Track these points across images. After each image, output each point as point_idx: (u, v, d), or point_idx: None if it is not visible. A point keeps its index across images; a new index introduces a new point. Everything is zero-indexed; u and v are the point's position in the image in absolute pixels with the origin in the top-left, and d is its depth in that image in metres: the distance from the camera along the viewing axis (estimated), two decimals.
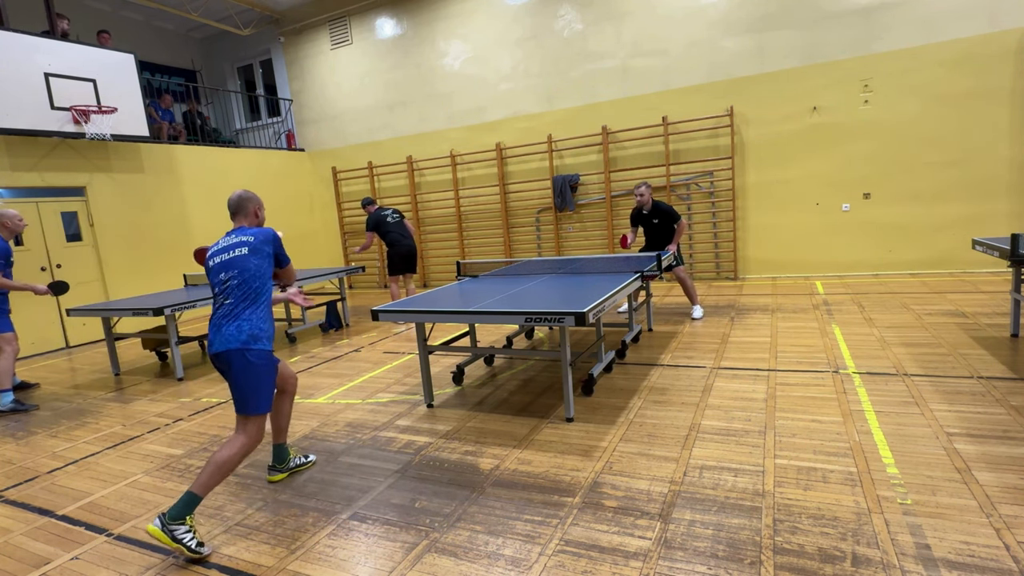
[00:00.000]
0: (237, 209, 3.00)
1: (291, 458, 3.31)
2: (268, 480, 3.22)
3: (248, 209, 3.00)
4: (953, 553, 2.09)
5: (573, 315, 3.23)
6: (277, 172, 11.40)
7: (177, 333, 5.66)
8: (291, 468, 3.29)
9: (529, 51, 9.61)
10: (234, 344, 2.68)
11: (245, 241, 2.83)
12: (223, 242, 2.88)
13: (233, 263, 2.78)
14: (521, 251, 10.22)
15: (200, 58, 13.11)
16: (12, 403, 5.04)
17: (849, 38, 7.67)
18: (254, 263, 2.79)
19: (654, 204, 6.26)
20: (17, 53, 7.21)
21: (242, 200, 3.00)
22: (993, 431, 3.03)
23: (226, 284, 2.77)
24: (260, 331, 2.74)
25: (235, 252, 2.81)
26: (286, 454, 3.27)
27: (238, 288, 2.75)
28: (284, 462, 3.26)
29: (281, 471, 3.25)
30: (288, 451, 3.29)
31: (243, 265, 2.77)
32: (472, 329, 5.01)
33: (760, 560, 2.15)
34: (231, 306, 2.74)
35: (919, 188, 7.64)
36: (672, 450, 3.13)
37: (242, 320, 2.72)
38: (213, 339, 2.73)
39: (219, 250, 2.85)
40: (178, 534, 2.46)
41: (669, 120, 8.68)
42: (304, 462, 3.37)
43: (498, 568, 2.25)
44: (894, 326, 5.28)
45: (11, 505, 3.22)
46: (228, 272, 2.78)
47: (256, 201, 3.05)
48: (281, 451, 3.25)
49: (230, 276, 2.77)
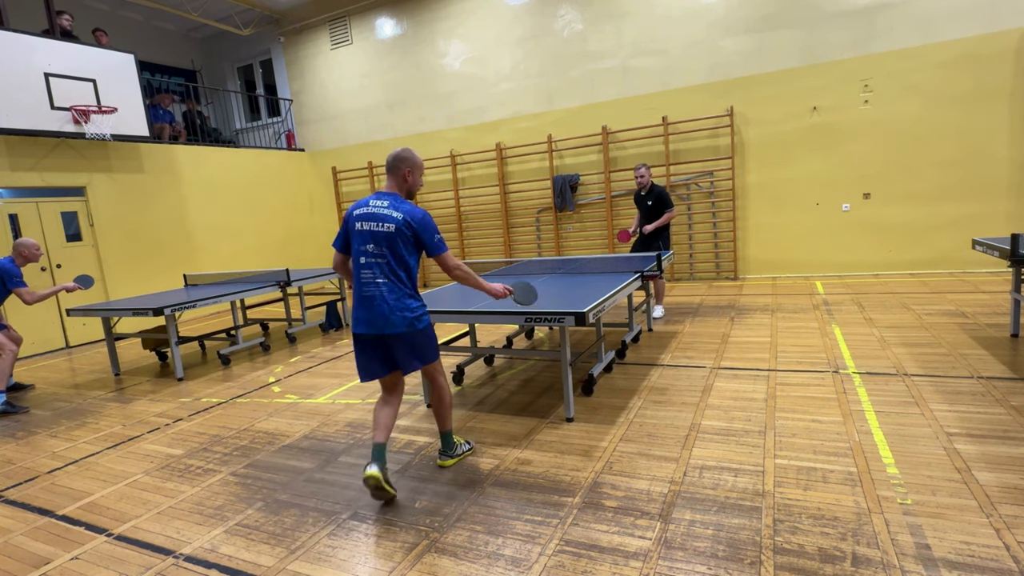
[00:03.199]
0: (390, 168, 2.88)
1: (458, 444, 3.30)
2: (439, 464, 3.21)
3: (400, 171, 2.86)
4: (953, 553, 2.09)
5: (573, 315, 3.23)
6: (277, 172, 11.40)
7: (177, 333, 5.66)
8: (458, 455, 3.25)
9: (529, 51, 9.61)
10: (401, 328, 2.78)
11: (393, 218, 2.75)
12: (373, 204, 2.79)
13: (381, 238, 2.75)
14: (521, 251, 10.22)
15: (200, 58, 13.11)
16: (3, 405, 5.01)
17: (849, 38, 7.67)
18: (399, 244, 2.75)
19: (652, 186, 6.32)
20: (17, 53, 7.21)
21: (396, 159, 2.86)
22: (993, 431, 3.03)
23: (372, 259, 2.76)
24: (415, 308, 2.82)
25: (383, 226, 2.75)
26: (452, 442, 3.27)
27: (386, 266, 2.76)
28: (452, 448, 3.25)
29: (452, 456, 3.24)
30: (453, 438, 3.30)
31: (391, 243, 2.75)
32: (472, 329, 5.01)
33: (760, 560, 2.15)
34: (384, 286, 2.76)
35: (919, 188, 7.64)
36: (672, 450, 3.13)
37: (395, 302, 2.76)
38: (365, 317, 2.78)
39: (368, 215, 2.78)
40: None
41: (669, 120, 8.68)
42: (469, 448, 3.35)
43: (498, 568, 2.25)
44: (894, 326, 5.28)
45: (11, 505, 3.22)
46: (375, 245, 2.75)
47: (410, 162, 2.87)
48: (448, 439, 3.25)
49: (377, 252, 2.75)
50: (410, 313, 2.81)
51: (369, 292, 2.79)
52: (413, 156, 2.90)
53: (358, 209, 2.84)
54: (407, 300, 2.81)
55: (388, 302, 2.77)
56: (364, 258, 2.79)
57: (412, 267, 2.86)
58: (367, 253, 2.78)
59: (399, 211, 2.78)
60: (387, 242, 2.76)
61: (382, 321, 2.78)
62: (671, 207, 6.28)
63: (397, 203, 2.81)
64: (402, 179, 2.88)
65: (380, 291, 2.77)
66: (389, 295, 2.77)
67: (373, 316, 2.79)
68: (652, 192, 6.30)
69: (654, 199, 6.28)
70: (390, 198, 2.83)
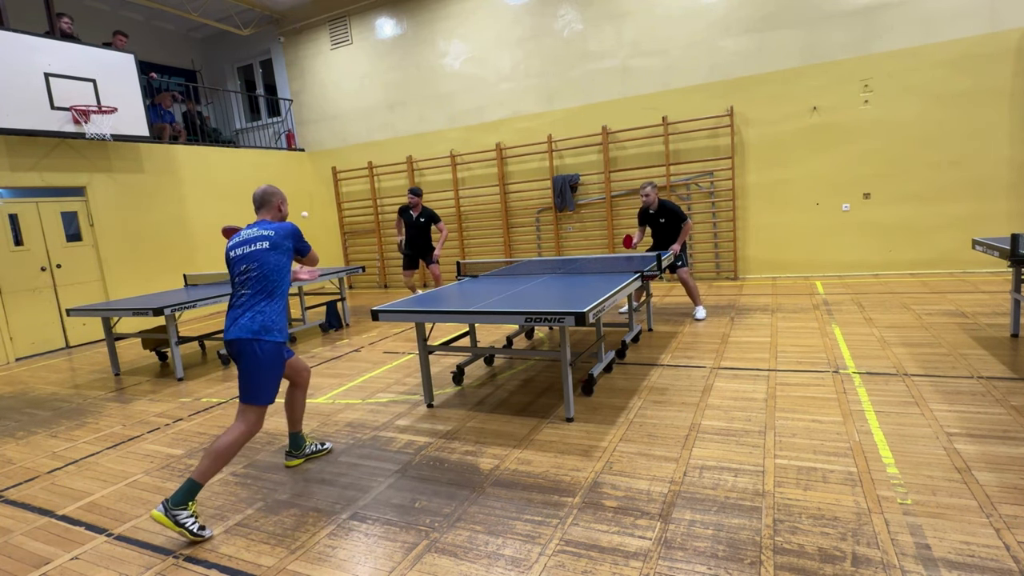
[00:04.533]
0: (261, 203, 3.11)
1: (307, 445, 3.47)
2: (285, 464, 3.40)
3: (272, 203, 3.12)
4: (953, 553, 2.09)
5: (573, 315, 3.23)
6: (277, 172, 11.39)
7: (177, 333, 5.66)
8: (307, 454, 3.45)
9: (529, 51, 9.60)
10: (246, 334, 2.80)
11: (266, 236, 2.93)
12: (245, 233, 2.98)
13: (253, 256, 2.90)
14: (521, 251, 10.22)
15: (200, 58, 13.11)
16: None
17: (849, 38, 7.67)
18: (273, 258, 2.91)
19: (660, 203, 6.25)
20: (17, 53, 7.20)
21: (266, 195, 3.12)
22: (993, 431, 3.03)
23: (245, 276, 2.89)
24: (272, 323, 2.86)
25: (256, 246, 2.92)
26: (302, 441, 3.45)
27: (257, 281, 2.88)
28: (300, 448, 3.43)
29: (297, 457, 3.42)
30: (304, 439, 3.46)
31: (263, 259, 2.89)
32: (472, 329, 5.00)
33: (760, 560, 2.15)
34: (248, 297, 2.87)
35: (919, 188, 7.64)
36: (672, 450, 3.13)
37: (256, 312, 2.84)
38: (228, 327, 2.87)
39: (240, 242, 2.96)
40: (180, 519, 2.59)
41: (669, 120, 8.68)
42: (320, 449, 3.52)
43: (498, 568, 2.25)
44: (894, 326, 5.28)
45: (11, 505, 3.22)
46: (248, 264, 2.89)
47: (280, 196, 3.16)
48: (297, 439, 3.43)
49: (250, 268, 2.88)
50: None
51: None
52: (280, 190, 3.21)
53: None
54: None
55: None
56: (237, 278, 3.00)
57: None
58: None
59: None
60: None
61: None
62: (686, 218, 6.19)
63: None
64: (276, 210, 3.15)
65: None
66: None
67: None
68: (663, 208, 6.21)
69: (667, 215, 6.19)
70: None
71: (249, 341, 2.80)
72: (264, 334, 2.81)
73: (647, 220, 6.40)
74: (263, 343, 2.81)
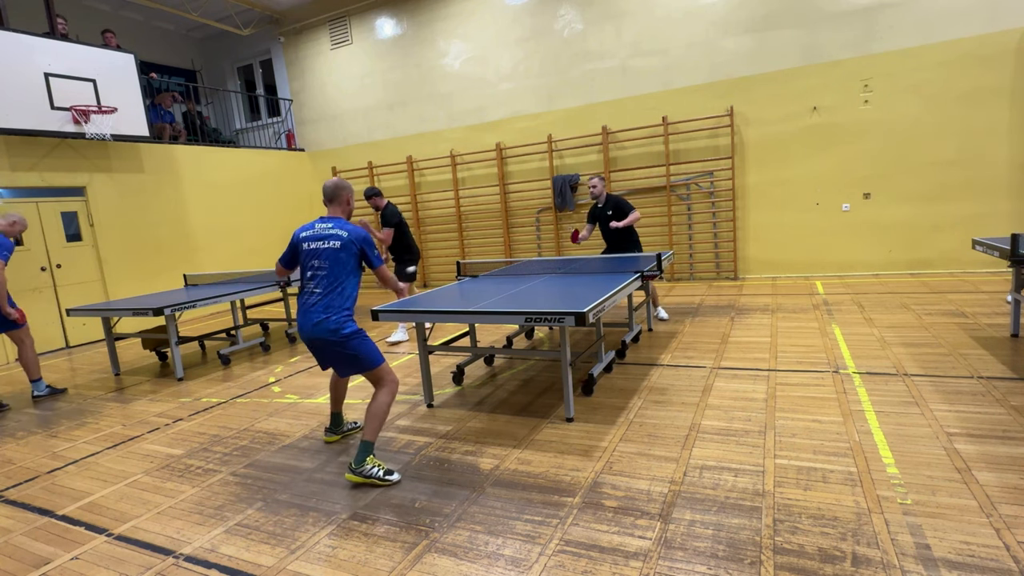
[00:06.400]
0: (332, 196, 3.24)
1: (345, 424, 3.77)
2: (324, 440, 3.72)
3: (342, 197, 3.25)
4: (953, 553, 2.09)
5: (573, 315, 3.23)
6: (277, 172, 11.40)
7: (177, 333, 5.66)
8: (345, 431, 3.76)
9: (529, 51, 9.60)
10: (329, 336, 3.02)
11: (339, 235, 3.10)
12: (319, 227, 3.15)
13: (324, 254, 3.09)
14: (521, 251, 10.22)
15: (200, 58, 13.11)
16: (48, 389, 5.46)
17: (849, 38, 7.67)
18: (343, 258, 3.08)
19: (608, 197, 6.15)
20: (17, 53, 7.20)
21: (338, 188, 3.24)
22: (993, 431, 3.03)
23: (314, 272, 3.10)
24: (345, 318, 3.06)
25: (328, 244, 3.09)
26: (341, 420, 3.75)
27: (327, 280, 3.07)
28: (339, 427, 3.73)
29: (336, 433, 3.72)
30: (343, 418, 3.76)
31: (333, 258, 3.08)
32: (472, 329, 5.00)
33: (760, 560, 2.15)
34: (320, 296, 3.06)
35: (919, 188, 7.64)
36: (672, 450, 3.13)
37: (329, 311, 3.04)
38: (303, 323, 3.08)
39: (314, 235, 3.13)
40: (365, 471, 2.98)
41: (669, 120, 8.68)
42: (355, 426, 3.83)
43: (498, 568, 2.25)
44: (894, 326, 5.28)
45: (11, 505, 3.22)
46: (319, 261, 3.09)
47: (349, 189, 3.30)
48: (337, 418, 3.73)
49: (321, 266, 3.09)
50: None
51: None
52: (349, 184, 3.34)
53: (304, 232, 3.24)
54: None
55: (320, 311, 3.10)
56: (310, 271, 3.16)
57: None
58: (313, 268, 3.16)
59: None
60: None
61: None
62: (634, 208, 6.08)
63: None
64: (345, 204, 3.29)
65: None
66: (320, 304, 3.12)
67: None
68: (609, 202, 6.10)
69: (612, 208, 6.07)
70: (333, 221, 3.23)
71: (337, 343, 3.04)
72: (343, 330, 3.03)
73: (596, 215, 6.23)
74: (346, 337, 3.03)
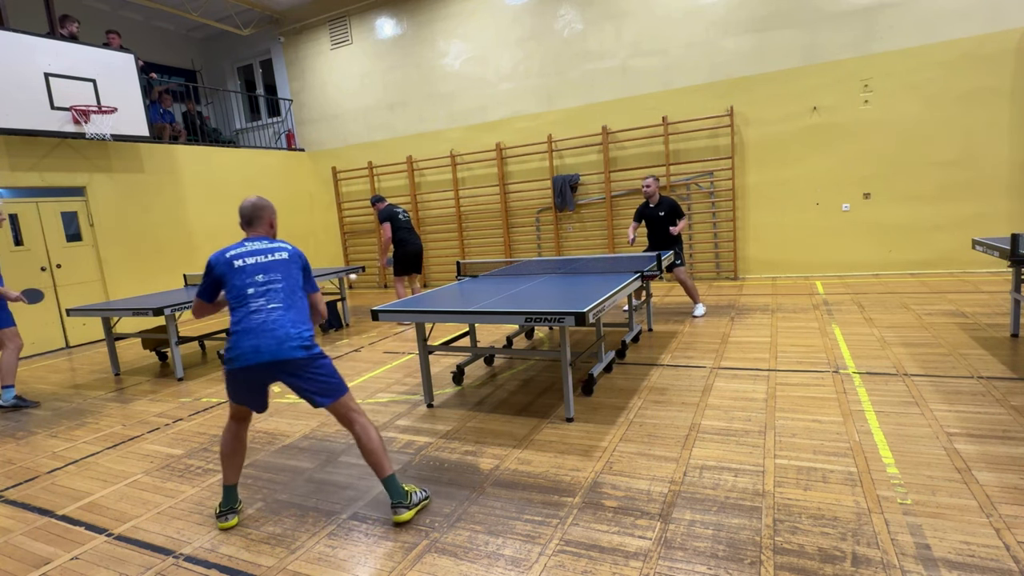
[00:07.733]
0: (252, 217, 2.84)
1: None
2: (219, 527, 2.76)
3: (264, 218, 2.86)
4: (953, 553, 2.09)
5: (573, 315, 3.23)
6: (277, 172, 11.40)
7: (177, 333, 5.65)
8: (415, 504, 2.76)
9: (529, 51, 9.60)
10: (302, 354, 2.59)
11: (284, 248, 2.78)
12: (251, 245, 2.74)
13: (275, 267, 2.70)
14: (521, 251, 10.22)
15: (200, 58, 13.11)
16: (14, 399, 5.07)
17: (849, 38, 7.67)
18: (294, 272, 2.75)
19: (661, 198, 6.33)
20: (17, 53, 7.20)
21: (257, 208, 2.85)
22: (993, 431, 3.03)
23: (268, 287, 2.65)
24: (308, 334, 2.66)
25: (275, 256, 2.73)
26: (236, 495, 2.88)
27: (283, 291, 2.67)
28: (237, 501, 2.85)
29: (236, 513, 2.82)
30: (237, 491, 2.89)
31: (287, 271, 2.72)
32: (472, 329, 5.01)
33: (760, 560, 2.15)
34: (282, 309, 2.63)
35: (919, 188, 7.64)
36: (672, 450, 3.13)
37: (299, 325, 2.63)
38: (263, 344, 2.53)
39: (249, 252, 2.71)
40: (415, 500, 2.71)
41: (669, 120, 8.68)
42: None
43: (498, 568, 2.25)
44: (894, 326, 5.28)
45: (11, 505, 3.22)
46: (271, 274, 2.68)
47: (271, 209, 2.90)
48: (232, 493, 2.84)
49: (274, 279, 2.68)
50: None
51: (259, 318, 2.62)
52: (270, 203, 2.93)
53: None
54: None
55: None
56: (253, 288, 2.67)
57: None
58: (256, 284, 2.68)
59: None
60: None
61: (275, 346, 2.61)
62: (684, 215, 6.33)
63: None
64: (268, 226, 2.89)
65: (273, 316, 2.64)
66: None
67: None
68: (663, 203, 6.31)
69: (667, 210, 6.28)
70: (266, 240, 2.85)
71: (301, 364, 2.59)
72: (313, 347, 2.64)
73: (645, 214, 6.42)
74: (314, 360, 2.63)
